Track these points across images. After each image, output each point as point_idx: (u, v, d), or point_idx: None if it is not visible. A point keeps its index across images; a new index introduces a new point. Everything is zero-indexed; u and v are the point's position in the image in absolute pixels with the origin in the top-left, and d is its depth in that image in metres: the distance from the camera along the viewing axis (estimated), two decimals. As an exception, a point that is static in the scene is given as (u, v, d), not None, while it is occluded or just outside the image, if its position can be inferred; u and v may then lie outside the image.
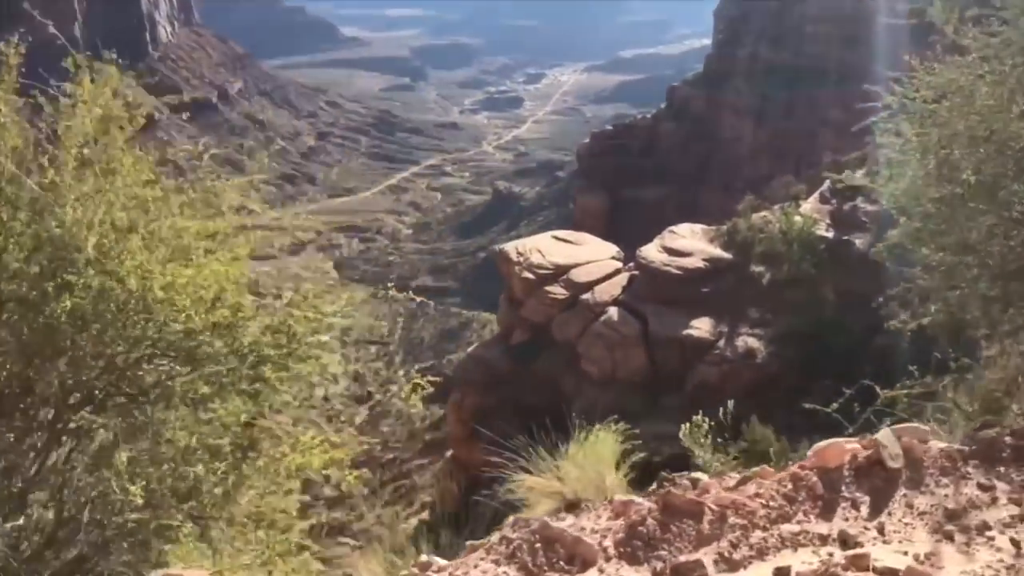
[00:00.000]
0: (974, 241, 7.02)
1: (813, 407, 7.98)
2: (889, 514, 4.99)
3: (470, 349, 39.59)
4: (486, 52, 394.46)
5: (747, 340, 27.95)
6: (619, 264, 34.32)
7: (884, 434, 5.18)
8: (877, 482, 5.22)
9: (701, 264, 30.99)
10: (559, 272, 33.53)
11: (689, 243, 32.43)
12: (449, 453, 37.12)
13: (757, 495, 5.08)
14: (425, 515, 37.16)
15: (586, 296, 32.38)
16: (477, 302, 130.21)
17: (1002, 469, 5.24)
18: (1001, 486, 5.12)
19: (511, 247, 35.82)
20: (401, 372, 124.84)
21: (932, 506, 5.01)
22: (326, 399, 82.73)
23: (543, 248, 35.13)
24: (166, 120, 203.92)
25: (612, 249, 35.79)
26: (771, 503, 5.08)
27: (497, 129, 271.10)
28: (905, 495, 5.13)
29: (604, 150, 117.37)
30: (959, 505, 4.97)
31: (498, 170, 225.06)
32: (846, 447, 5.46)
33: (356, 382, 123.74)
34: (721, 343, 28.56)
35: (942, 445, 5.39)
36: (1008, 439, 5.28)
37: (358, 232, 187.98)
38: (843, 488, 5.20)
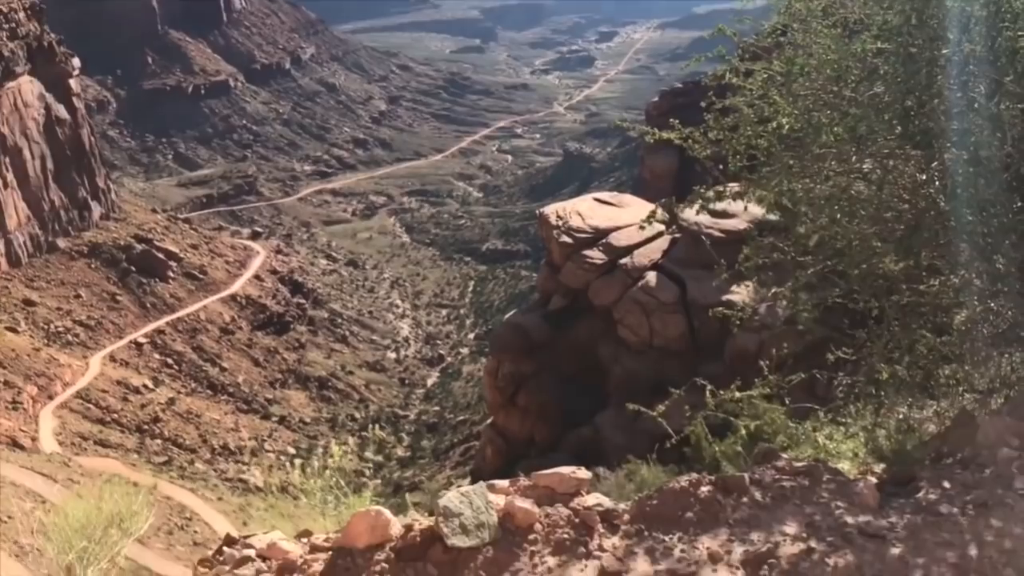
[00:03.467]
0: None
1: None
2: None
3: (507, 316, 38.80)
4: (557, 11, 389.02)
5: (803, 313, 26.46)
6: (662, 227, 32.96)
7: (453, 498, 3.73)
8: (428, 572, 3.69)
9: (745, 226, 29.48)
10: (598, 236, 32.43)
11: (735, 204, 30.86)
12: (489, 420, 36.61)
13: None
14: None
15: (625, 260, 31.22)
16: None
17: (666, 538, 3.91)
18: (639, 569, 3.75)
19: (551, 210, 34.79)
20: (471, 335, 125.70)
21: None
22: (398, 362, 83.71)
23: (583, 211, 34.01)
24: (241, 86, 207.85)
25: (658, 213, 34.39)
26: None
27: (568, 89, 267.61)
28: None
29: (674, 108, 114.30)
30: None
31: (569, 131, 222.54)
32: (383, 521, 3.85)
33: (428, 345, 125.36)
34: (763, 309, 27.14)
35: (587, 503, 4.05)
36: (705, 491, 3.98)
37: (429, 196, 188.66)
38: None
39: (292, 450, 78.06)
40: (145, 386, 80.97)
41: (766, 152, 6.83)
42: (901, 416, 6.77)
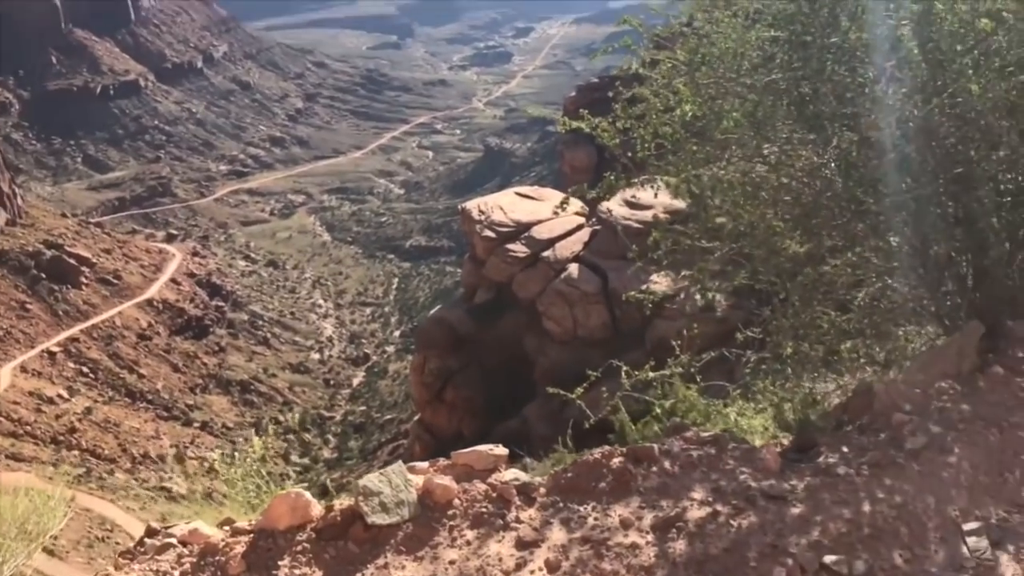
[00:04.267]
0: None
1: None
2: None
3: (432, 311, 38.83)
4: (473, 8, 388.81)
5: (710, 295, 27.13)
6: (582, 219, 33.45)
7: (372, 478, 3.95)
8: (349, 550, 3.78)
9: (662, 216, 30.10)
10: (520, 229, 32.70)
11: (651, 195, 31.45)
12: (417, 416, 36.59)
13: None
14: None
15: (547, 253, 31.56)
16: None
17: (580, 508, 4.07)
18: (555, 537, 3.91)
19: (473, 205, 34.94)
20: (397, 333, 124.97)
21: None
22: (322, 363, 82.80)
23: (505, 205, 34.25)
24: (152, 85, 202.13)
25: (576, 204, 34.82)
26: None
27: (487, 85, 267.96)
28: (384, 566, 3.70)
29: (591, 102, 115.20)
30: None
31: (489, 127, 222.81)
32: (303, 502, 3.93)
33: (352, 344, 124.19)
34: (681, 297, 27.77)
35: (504, 478, 4.23)
36: (617, 462, 4.21)
37: (349, 193, 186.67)
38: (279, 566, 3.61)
39: (215, 455, 76.55)
40: (60, 396, 78.30)
41: (672, 140, 7.06)
42: (807, 390, 7.10)
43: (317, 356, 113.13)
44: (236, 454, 6.51)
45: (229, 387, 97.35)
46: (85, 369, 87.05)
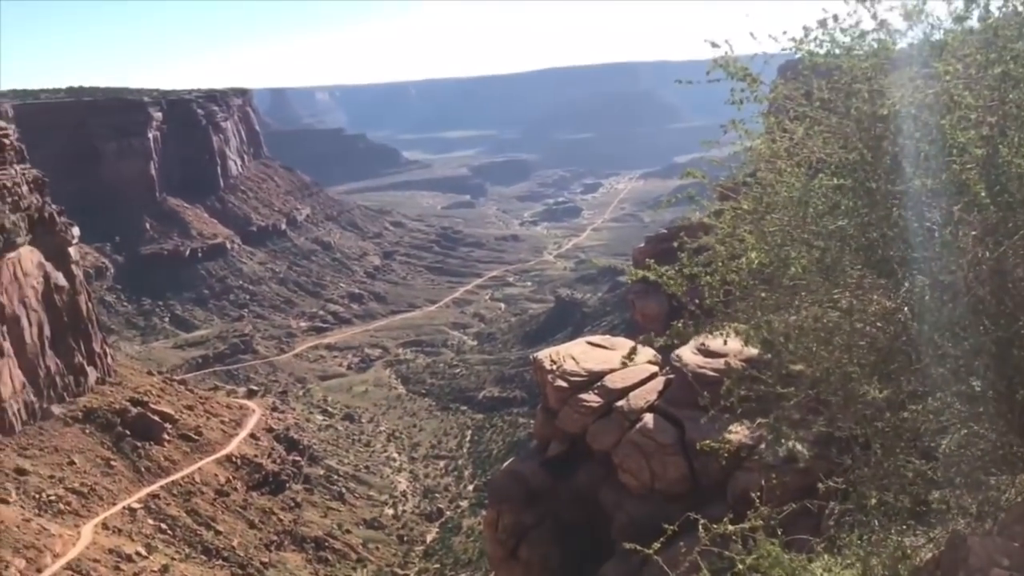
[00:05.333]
0: None
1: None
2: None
3: (505, 464, 38.28)
4: (543, 166, 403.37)
5: (788, 444, 26.28)
6: (655, 368, 33.12)
7: None
8: None
9: (735, 364, 29.65)
10: (593, 379, 32.41)
11: (726, 344, 31.07)
12: (491, 575, 35.48)
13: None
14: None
15: (621, 403, 31.11)
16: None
17: None
18: None
19: (544, 355, 34.89)
20: (470, 487, 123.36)
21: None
22: (396, 518, 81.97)
23: (577, 354, 34.14)
24: (237, 247, 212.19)
25: (648, 353, 34.62)
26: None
27: (557, 238, 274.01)
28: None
29: (659, 252, 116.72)
30: None
31: (560, 278, 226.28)
32: None
33: (426, 499, 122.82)
34: (762, 448, 26.95)
35: None
36: None
37: (424, 346, 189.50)
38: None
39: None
40: (138, 553, 78.57)
41: (740, 287, 7.11)
42: (896, 543, 6.76)
43: (391, 511, 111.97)
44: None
45: (304, 544, 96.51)
46: (164, 525, 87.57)
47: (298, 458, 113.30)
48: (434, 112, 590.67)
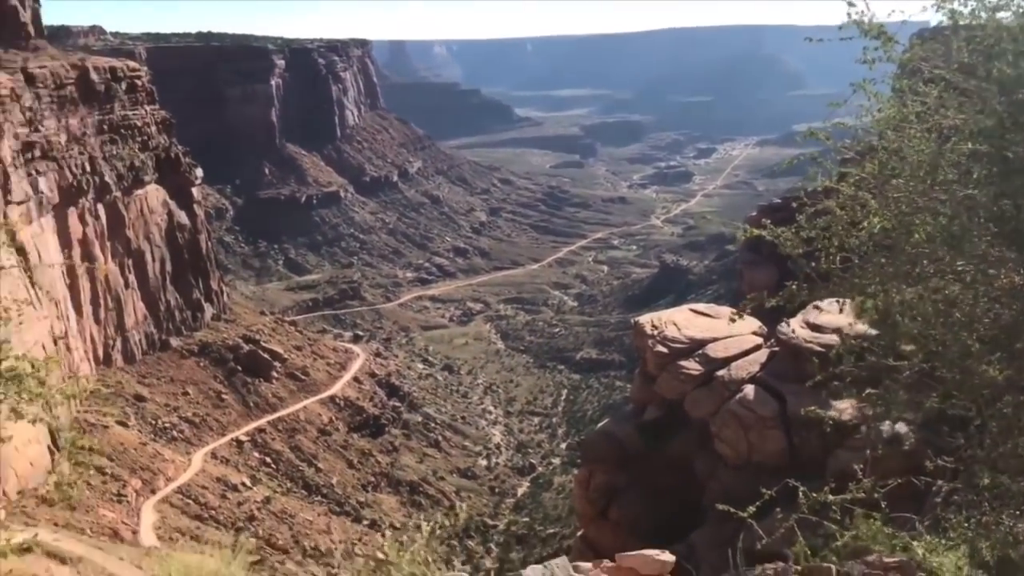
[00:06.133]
0: None
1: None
2: None
3: (599, 425, 38.30)
4: (656, 128, 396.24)
5: (893, 425, 25.49)
6: (759, 340, 32.44)
7: (536, 569, 3.72)
8: None
9: (847, 333, 28.75)
10: (694, 346, 32.03)
11: (835, 319, 30.23)
12: (579, 533, 35.77)
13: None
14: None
15: (721, 373, 30.67)
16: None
17: None
18: None
19: (646, 319, 34.62)
20: (563, 445, 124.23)
21: None
22: (489, 469, 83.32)
23: (679, 321, 33.75)
24: (350, 197, 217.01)
25: (754, 324, 33.89)
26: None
27: (666, 203, 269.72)
28: None
29: (772, 223, 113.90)
30: None
31: (666, 243, 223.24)
32: None
33: (519, 453, 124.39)
34: (864, 427, 26.19)
35: None
36: None
37: (525, 304, 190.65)
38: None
39: (381, 555, 77.55)
40: (243, 484, 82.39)
41: (859, 253, 6.88)
42: (1007, 528, 6.50)
43: (484, 462, 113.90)
44: (405, 539, 6.66)
45: (399, 487, 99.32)
46: (268, 459, 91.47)
47: (398, 404, 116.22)
48: (549, 69, 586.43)
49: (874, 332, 7.68)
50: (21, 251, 65.62)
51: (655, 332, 33.40)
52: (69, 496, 54.92)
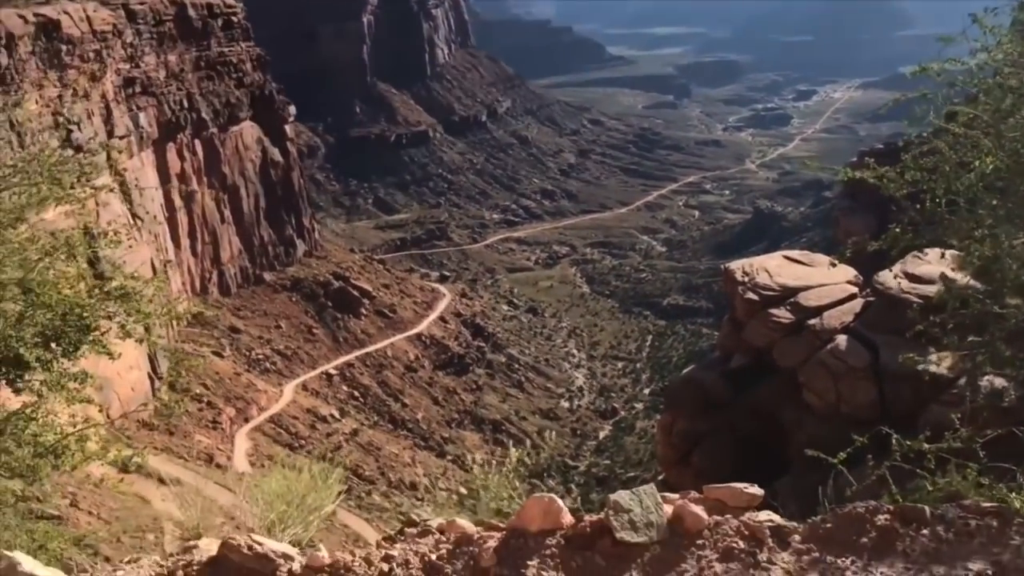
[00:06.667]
0: None
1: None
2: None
3: (684, 371, 38.02)
4: (754, 69, 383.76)
5: (993, 380, 24.59)
6: (855, 289, 31.53)
7: (624, 495, 3.71)
8: (596, 562, 3.72)
9: (951, 277, 27.67)
10: (786, 294, 31.30)
11: (935, 269, 29.11)
12: (660, 476, 35.85)
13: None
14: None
15: (813, 322, 29.97)
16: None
17: (839, 561, 3.70)
18: None
19: (737, 265, 33.94)
20: (647, 390, 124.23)
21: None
22: (571, 411, 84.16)
23: (771, 268, 32.99)
24: (439, 136, 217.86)
25: (849, 272, 32.88)
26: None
27: (761, 147, 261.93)
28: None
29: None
30: None
31: (760, 188, 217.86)
32: (556, 508, 3.91)
33: (602, 397, 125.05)
34: (962, 381, 25.36)
35: (758, 518, 3.86)
36: (883, 519, 3.75)
37: (611, 248, 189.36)
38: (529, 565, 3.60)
39: (464, 490, 79.42)
40: (332, 416, 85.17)
41: (968, 195, 6.58)
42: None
43: (567, 404, 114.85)
44: (493, 462, 6.78)
45: (482, 425, 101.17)
46: (356, 393, 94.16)
47: (482, 344, 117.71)
48: (644, 6, 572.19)
49: (974, 284, 7.36)
50: (123, 184, 68.23)
51: (746, 279, 32.76)
52: (170, 418, 57.66)
